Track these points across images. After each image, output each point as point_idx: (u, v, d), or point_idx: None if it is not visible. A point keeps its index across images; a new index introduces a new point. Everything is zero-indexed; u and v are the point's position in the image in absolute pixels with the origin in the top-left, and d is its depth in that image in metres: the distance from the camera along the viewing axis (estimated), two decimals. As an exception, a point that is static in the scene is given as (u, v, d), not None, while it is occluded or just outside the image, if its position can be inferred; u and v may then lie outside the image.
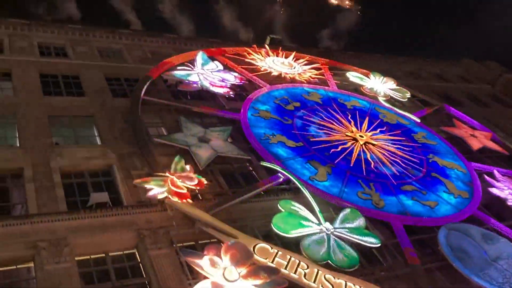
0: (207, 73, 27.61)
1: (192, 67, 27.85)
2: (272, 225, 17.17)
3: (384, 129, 28.18)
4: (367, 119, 28.56)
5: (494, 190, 24.65)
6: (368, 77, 34.88)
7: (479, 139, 30.48)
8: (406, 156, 26.10)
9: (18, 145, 19.91)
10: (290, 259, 15.73)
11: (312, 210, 18.36)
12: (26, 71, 24.97)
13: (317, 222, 17.83)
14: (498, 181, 25.53)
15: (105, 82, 26.00)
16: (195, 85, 26.28)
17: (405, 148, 26.87)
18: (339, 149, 24.47)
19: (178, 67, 27.69)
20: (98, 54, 29.55)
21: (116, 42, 31.53)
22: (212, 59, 29.75)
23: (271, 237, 17.29)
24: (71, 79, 25.75)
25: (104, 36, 31.34)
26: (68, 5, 59.33)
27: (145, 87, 24.73)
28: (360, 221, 18.81)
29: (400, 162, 25.31)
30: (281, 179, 20.66)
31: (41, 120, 21.40)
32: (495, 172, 26.41)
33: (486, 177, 25.70)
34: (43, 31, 29.54)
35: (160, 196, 17.22)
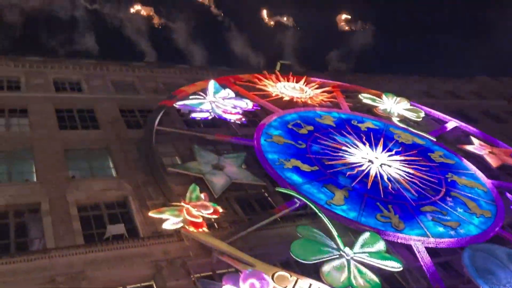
0: (219, 100, 27.80)
1: (204, 95, 28.08)
2: (290, 252, 16.87)
3: (400, 149, 27.85)
4: (382, 140, 28.30)
5: (518, 208, 24.00)
6: (381, 98, 34.74)
7: (498, 156, 29.89)
8: (424, 176, 25.66)
9: (35, 179, 20.14)
10: (310, 286, 15.37)
11: (330, 235, 18.03)
12: (42, 107, 25.46)
13: (336, 247, 17.48)
14: (521, 198, 24.89)
15: (119, 114, 26.35)
16: (207, 113, 26.44)
17: (422, 168, 26.46)
18: (355, 172, 24.20)
19: (191, 96, 27.94)
20: (112, 87, 30.06)
21: (129, 75, 32.10)
22: (224, 87, 29.99)
23: (289, 265, 16.99)
24: (86, 112, 26.16)
25: (118, 69, 31.95)
26: (86, 40, 60.95)
27: (159, 117, 24.94)
28: (381, 245, 18.39)
29: (418, 183, 24.87)
30: (297, 205, 20.44)
31: (58, 154, 21.68)
32: (517, 189, 25.79)
33: (508, 194, 25.08)
34: (58, 67, 30.22)
35: (176, 226, 17.13)
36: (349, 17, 70.64)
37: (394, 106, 33.79)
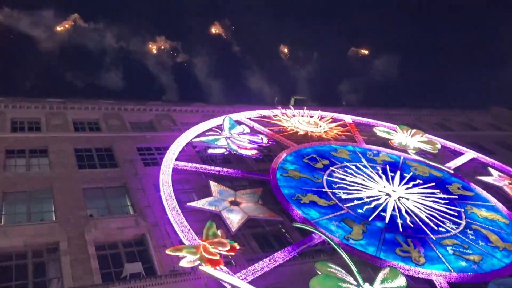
0: (234, 136, 28.10)
1: (220, 131, 28.45)
2: (309, 289, 16.59)
3: (417, 182, 27.57)
4: (398, 173, 28.10)
5: (541, 240, 23.37)
6: (395, 131, 34.74)
7: (518, 187, 29.36)
8: (443, 209, 25.27)
9: (54, 219, 20.36)
10: (330, 324, 15.03)
11: (349, 271, 17.72)
12: (62, 147, 26.00)
13: (356, 283, 17.15)
14: (544, 230, 24.26)
15: (136, 152, 26.73)
16: (223, 149, 26.68)
17: (440, 201, 26.09)
18: (372, 206, 23.97)
19: (206, 133, 28.32)
20: (130, 126, 30.63)
21: (147, 113, 32.76)
22: (239, 122, 30.39)
23: (309, 302, 16.65)
24: (104, 151, 26.63)
25: (135, 108, 32.65)
26: (109, 75, 62.82)
27: (176, 155, 25.25)
28: (401, 280, 17.97)
29: (437, 216, 24.48)
30: (315, 240, 20.24)
31: (76, 193, 21.98)
32: (540, 220, 25.17)
33: (531, 226, 24.49)
34: (77, 107, 31.00)
35: (193, 264, 17.04)
36: (366, 52, 71.56)
37: (409, 139, 33.71)
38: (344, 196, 24.37)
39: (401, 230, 22.52)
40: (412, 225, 23.10)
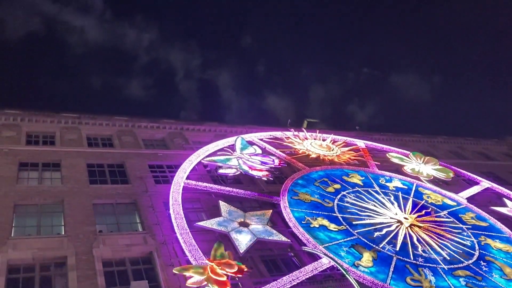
0: (246, 157, 28.07)
1: (231, 151, 28.46)
2: (316, 316, 16.27)
3: (429, 210, 27.16)
4: (410, 200, 27.72)
5: (557, 275, 22.69)
6: (408, 158, 34.42)
7: (533, 219, 28.71)
8: (456, 239, 24.77)
9: (63, 233, 20.37)
10: None
11: (358, 299, 17.36)
12: (75, 161, 26.21)
13: (365, 312, 16.76)
14: (561, 264, 23.57)
15: (147, 170, 26.81)
16: (234, 169, 26.63)
17: (453, 230, 25.60)
18: (383, 232, 23.59)
19: (218, 153, 28.36)
20: (142, 143, 30.82)
21: (160, 131, 32.98)
22: (251, 143, 30.40)
23: (316, 329, 16.30)
24: (116, 167, 26.78)
25: (149, 126, 32.91)
26: (133, 84, 63.71)
27: (187, 173, 25.27)
28: (412, 311, 17.55)
29: (450, 245, 23.99)
30: (324, 266, 19.91)
31: (86, 209, 22.03)
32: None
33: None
34: (91, 123, 31.35)
35: (200, 285, 16.82)
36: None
37: (423, 166, 33.35)
38: (354, 222, 24.05)
39: (412, 258, 22.07)
40: (424, 254, 22.65)
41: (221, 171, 26.59)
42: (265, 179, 26.92)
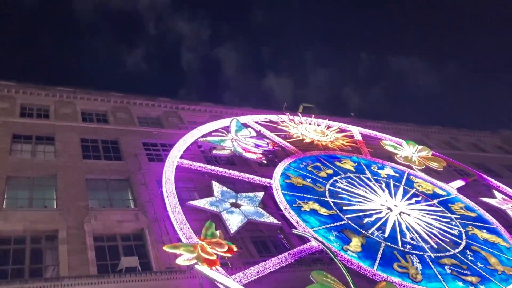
0: (240, 139, 28.12)
1: (226, 133, 28.49)
2: (303, 297, 16.52)
3: (419, 199, 27.44)
4: (401, 188, 27.98)
5: (541, 267, 23.14)
6: (402, 146, 34.61)
7: (521, 212, 29.11)
8: (444, 228, 25.11)
9: (55, 206, 20.43)
10: (322, 334, 14.95)
11: (345, 282, 17.60)
12: (69, 136, 26.14)
13: (351, 295, 17.04)
14: (545, 257, 24.01)
15: (141, 147, 26.80)
16: (228, 150, 26.69)
17: (442, 219, 25.92)
18: (373, 219, 23.86)
19: (213, 133, 28.37)
20: (137, 121, 30.72)
21: (155, 109, 32.84)
22: (246, 125, 30.42)
23: (302, 310, 16.57)
24: (110, 143, 26.73)
25: (144, 103, 32.76)
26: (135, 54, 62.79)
27: (181, 152, 25.30)
28: (397, 296, 17.88)
29: (438, 234, 24.32)
30: (313, 249, 20.16)
31: (79, 183, 22.05)
32: (541, 247, 24.92)
33: (531, 252, 24.25)
34: (87, 98, 31.16)
35: (189, 263, 17.01)
36: None
37: (415, 155, 33.56)
38: (345, 207, 24.28)
39: (400, 245, 22.39)
40: (412, 242, 22.96)
41: (215, 151, 26.64)
42: (259, 161, 27.06)
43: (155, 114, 32.54)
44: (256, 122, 32.09)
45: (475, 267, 22.45)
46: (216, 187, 22.76)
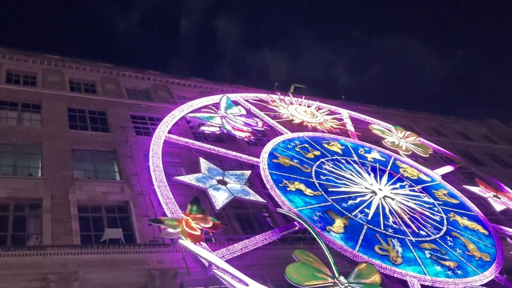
0: (230, 116, 28.01)
1: (216, 110, 28.33)
2: (285, 275, 16.75)
3: (404, 184, 27.77)
4: (387, 172, 28.26)
5: (517, 255, 23.75)
6: (390, 131, 34.83)
7: (502, 201, 29.69)
8: (426, 213, 25.52)
9: (40, 175, 20.26)
10: (301, 311, 15.24)
11: (326, 262, 17.90)
12: (56, 104, 25.77)
13: (331, 274, 17.34)
14: (522, 245, 24.62)
15: (129, 120, 26.56)
16: (217, 127, 26.60)
17: (425, 205, 26.32)
18: (357, 201, 24.12)
19: (202, 109, 28.20)
20: (126, 93, 30.34)
21: (144, 82, 32.41)
22: (236, 103, 30.27)
23: (282, 287, 16.82)
24: (98, 114, 26.42)
25: (133, 75, 32.31)
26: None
27: (169, 127, 25.15)
28: (376, 277, 18.24)
29: (420, 219, 24.72)
30: (297, 228, 20.39)
31: (65, 153, 21.85)
32: (519, 236, 25.52)
33: (509, 240, 24.83)
34: (75, 67, 30.64)
35: (173, 237, 17.09)
36: None
37: (403, 140, 33.82)
38: (330, 189, 24.48)
39: (382, 228, 22.72)
40: (394, 225, 23.32)
41: (203, 128, 26.51)
42: (247, 140, 27.04)
43: (145, 86, 32.15)
44: (247, 100, 31.95)
45: (453, 252, 22.93)
46: (204, 163, 22.74)
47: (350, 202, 23.86)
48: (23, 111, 24.93)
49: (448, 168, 32.55)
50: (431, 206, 26.51)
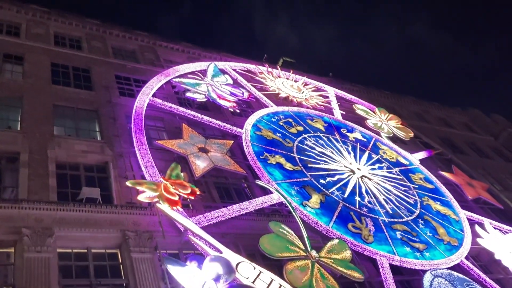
0: (216, 85, 27.79)
1: (202, 77, 28.05)
2: (258, 245, 17.06)
3: (382, 165, 28.20)
4: (367, 153, 28.62)
5: (483, 242, 24.54)
6: (374, 112, 35.09)
7: (475, 189, 30.46)
8: (401, 195, 26.07)
9: (18, 129, 19.95)
10: (271, 281, 15.59)
11: (300, 236, 18.26)
12: (39, 58, 25.16)
13: (304, 248, 17.72)
14: (488, 233, 25.40)
15: (114, 80, 26.15)
16: (202, 95, 26.39)
17: (400, 187, 26.86)
18: (335, 179, 24.46)
19: (188, 75, 27.89)
20: (112, 52, 29.73)
21: (131, 42, 31.76)
22: (223, 72, 29.99)
23: (256, 257, 17.16)
24: (81, 72, 25.91)
25: (120, 34, 31.60)
26: None
27: (154, 90, 24.88)
28: (347, 254, 18.70)
29: (394, 201, 25.26)
30: (274, 200, 20.64)
31: (46, 108, 21.49)
32: (487, 223, 26.31)
33: (477, 227, 25.60)
34: (61, 21, 29.80)
35: (150, 200, 17.15)
36: None
37: (385, 122, 34.15)
38: (310, 165, 24.74)
39: (357, 207, 23.18)
40: (369, 205, 23.80)
41: (188, 94, 26.26)
42: (232, 110, 26.97)
43: (131, 47, 31.49)
44: (234, 70, 31.69)
45: (424, 235, 23.58)
46: (186, 130, 22.66)
47: (328, 179, 24.19)
48: (4, 62, 24.30)
49: (426, 153, 33.10)
50: (407, 189, 27.07)
